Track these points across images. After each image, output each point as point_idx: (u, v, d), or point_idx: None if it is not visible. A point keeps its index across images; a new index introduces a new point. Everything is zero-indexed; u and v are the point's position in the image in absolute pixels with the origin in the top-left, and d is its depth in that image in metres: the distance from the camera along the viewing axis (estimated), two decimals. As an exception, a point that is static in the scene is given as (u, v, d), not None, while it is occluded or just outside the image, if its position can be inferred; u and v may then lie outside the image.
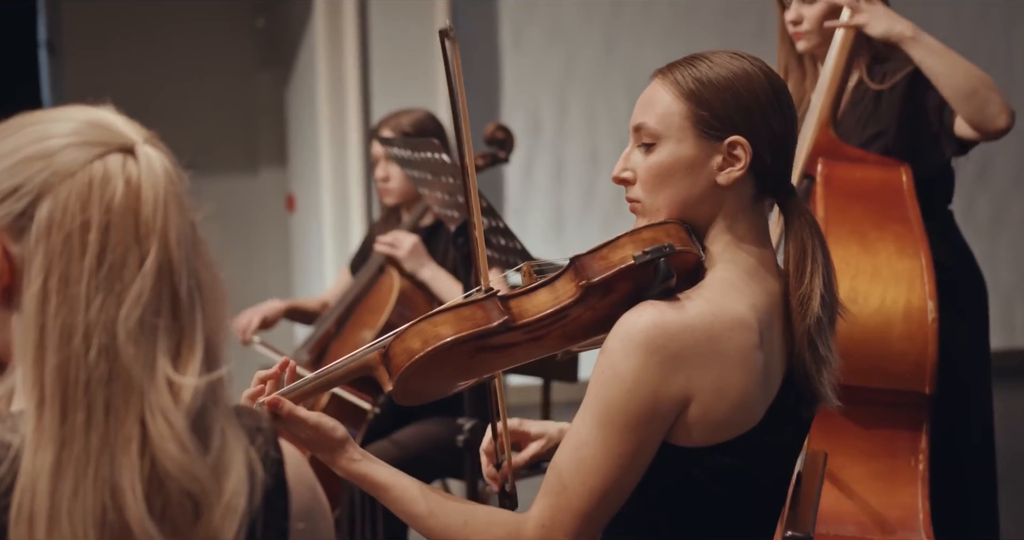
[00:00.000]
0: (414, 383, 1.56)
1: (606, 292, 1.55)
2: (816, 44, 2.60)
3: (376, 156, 3.27)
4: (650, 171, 1.58)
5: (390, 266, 3.15)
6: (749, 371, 1.50)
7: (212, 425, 1.05)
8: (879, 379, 2.33)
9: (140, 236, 1.04)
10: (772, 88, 1.57)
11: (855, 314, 2.31)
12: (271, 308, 3.35)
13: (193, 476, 1.02)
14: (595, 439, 1.49)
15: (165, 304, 1.04)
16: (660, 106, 1.57)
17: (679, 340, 1.48)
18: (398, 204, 3.27)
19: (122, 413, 1.01)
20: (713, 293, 1.53)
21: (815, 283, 1.55)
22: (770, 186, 1.60)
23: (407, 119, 3.22)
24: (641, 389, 1.48)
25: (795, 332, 1.54)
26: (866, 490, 2.37)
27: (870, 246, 2.36)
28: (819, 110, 2.48)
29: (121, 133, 1.08)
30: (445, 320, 1.54)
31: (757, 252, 1.58)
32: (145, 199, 1.05)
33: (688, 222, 1.59)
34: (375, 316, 3.07)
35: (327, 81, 5.45)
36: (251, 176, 6.59)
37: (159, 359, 1.03)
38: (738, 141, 1.55)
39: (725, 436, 1.51)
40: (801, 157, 2.45)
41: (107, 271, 1.03)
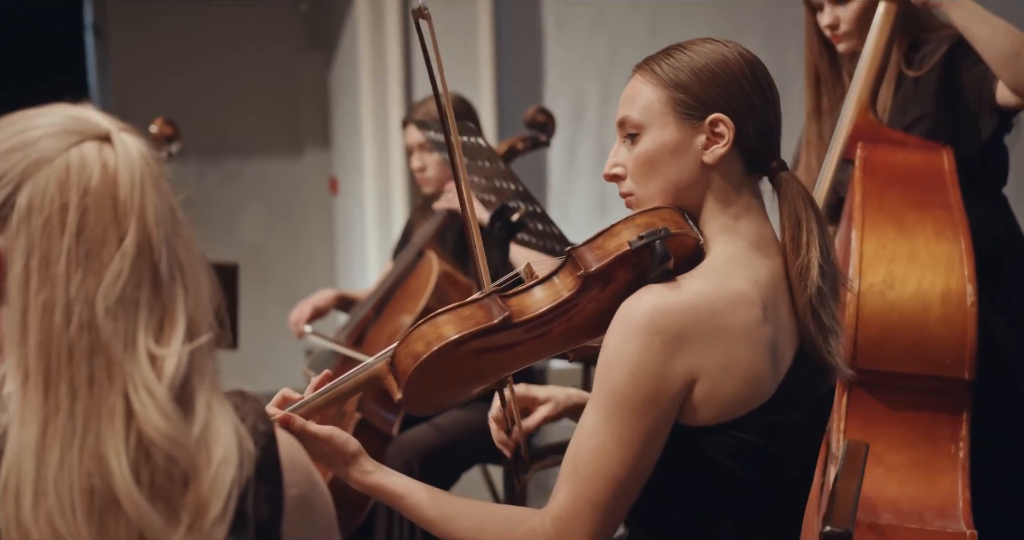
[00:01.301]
0: (424, 389, 1.57)
1: (607, 281, 1.55)
2: (858, 43, 2.54)
3: (410, 145, 3.26)
4: (637, 161, 1.60)
5: (429, 250, 3.15)
6: (755, 346, 1.51)
7: (196, 396, 1.08)
8: (918, 365, 2.30)
9: (118, 216, 1.08)
10: (748, 65, 1.59)
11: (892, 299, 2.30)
12: (322, 298, 3.39)
13: (178, 443, 1.05)
14: (605, 427, 1.50)
15: (145, 281, 1.08)
16: (640, 97, 1.60)
17: (680, 320, 1.49)
18: (437, 192, 3.26)
19: (105, 387, 1.05)
20: (712, 271, 1.55)
21: (812, 254, 1.56)
22: (758, 161, 1.61)
23: None
24: (645, 372, 1.48)
25: (798, 304, 1.55)
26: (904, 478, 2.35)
27: (908, 230, 2.33)
28: (858, 93, 2.45)
29: (97, 123, 1.12)
30: (447, 321, 1.55)
31: (755, 228, 1.59)
32: (122, 181, 1.09)
33: (683, 207, 1.60)
34: (414, 301, 3.07)
35: (369, 64, 5.45)
36: (295, 159, 6.62)
37: (140, 334, 1.07)
38: (719, 118, 1.57)
39: (736, 413, 1.52)
40: (840, 141, 2.42)
41: (86, 250, 1.07)
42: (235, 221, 6.60)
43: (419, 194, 3.38)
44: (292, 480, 1.13)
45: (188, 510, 1.05)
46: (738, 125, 1.57)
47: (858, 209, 2.34)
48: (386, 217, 5.51)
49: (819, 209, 1.61)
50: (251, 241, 6.59)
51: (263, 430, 1.13)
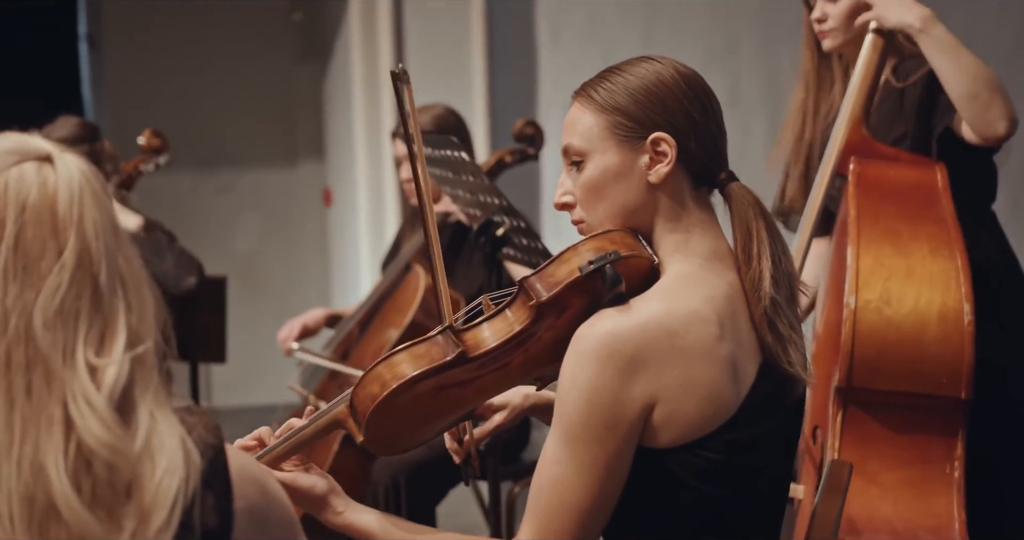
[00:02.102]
0: (386, 430, 1.55)
1: (561, 309, 1.53)
2: (842, 42, 2.52)
3: (399, 157, 3.24)
4: (584, 188, 1.59)
5: (416, 264, 3.12)
6: (713, 364, 1.48)
7: (138, 407, 1.08)
8: (913, 383, 2.27)
9: (57, 229, 1.10)
10: (685, 80, 1.58)
11: (889, 316, 2.26)
12: (312, 317, 3.38)
13: (119, 452, 1.05)
14: (565, 456, 1.48)
15: (85, 293, 1.10)
16: (580, 124, 1.59)
17: (633, 342, 1.46)
18: None
19: (44, 396, 1.06)
20: (665, 291, 1.53)
21: (763, 264, 1.54)
22: (705, 175, 1.60)
23: (427, 115, 3.18)
24: (601, 398, 1.46)
25: (754, 316, 1.54)
26: (899, 497, 2.31)
27: (903, 246, 2.29)
28: (851, 107, 2.41)
29: (38, 145, 1.15)
30: (401, 360, 1.53)
31: (708, 243, 1.58)
32: (61, 197, 1.11)
33: (635, 228, 1.59)
34: (401, 315, 3.03)
35: (362, 75, 5.44)
36: (289, 170, 6.60)
37: (79, 345, 1.08)
38: (660, 137, 1.56)
39: (699, 432, 1.49)
40: (833, 156, 2.38)
41: (23, 263, 1.09)
42: (229, 232, 6.58)
43: (408, 206, 3.35)
44: (243, 491, 1.14)
45: (131, 519, 1.06)
46: (680, 142, 1.56)
47: (853, 224, 2.31)
48: (379, 228, 5.48)
49: (770, 217, 1.60)
50: (245, 252, 6.57)
51: (211, 442, 1.12)
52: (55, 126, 3.49)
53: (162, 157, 3.63)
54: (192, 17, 6.44)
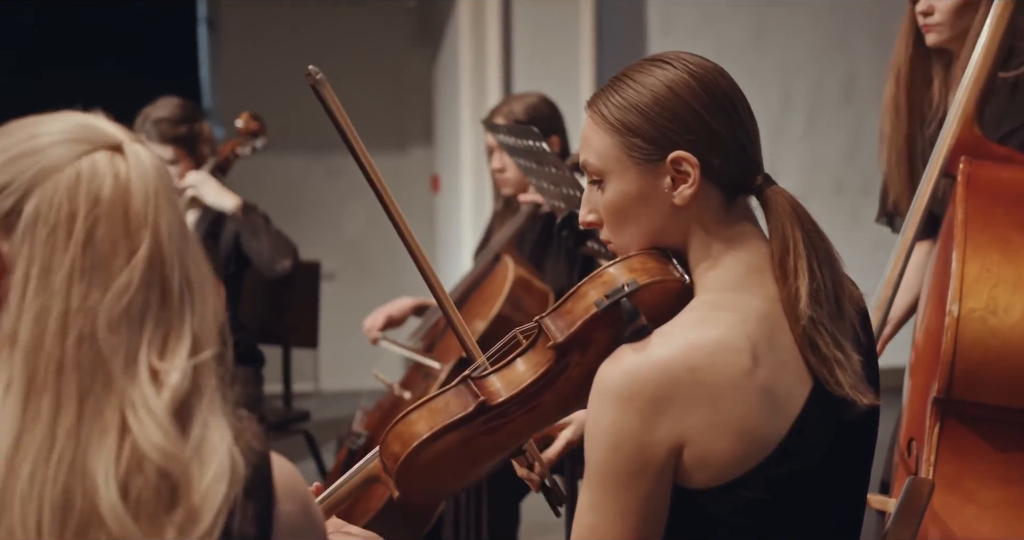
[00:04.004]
0: (420, 485, 1.51)
1: (585, 346, 1.45)
2: (948, 37, 2.40)
3: (491, 145, 3.19)
4: (606, 211, 1.49)
5: (505, 254, 3.06)
6: (744, 398, 1.37)
7: (194, 414, 1.05)
8: (1018, 398, 2.14)
9: (130, 229, 1.06)
10: (701, 85, 1.45)
11: (994, 326, 2.14)
12: (398, 306, 3.34)
13: (173, 457, 1.02)
14: (598, 503, 1.40)
15: (154, 296, 1.06)
16: (594, 142, 1.48)
17: (654, 381, 1.36)
18: (515, 194, 3.17)
19: (102, 401, 1.02)
20: (691, 321, 1.41)
21: (799, 280, 1.42)
22: (737, 185, 1.48)
23: (519, 105, 3.12)
24: (625, 443, 1.37)
25: (795, 335, 1.42)
26: (998, 517, 2.19)
27: (1013, 254, 2.16)
28: (963, 104, 2.28)
29: (109, 132, 1.10)
30: (419, 417, 1.48)
31: (745, 259, 1.46)
32: (135, 193, 1.06)
33: (666, 248, 1.48)
34: (488, 306, 2.98)
35: (469, 62, 5.40)
36: (400, 155, 6.61)
37: (143, 349, 1.04)
38: (679, 157, 1.44)
39: (736, 472, 1.39)
40: (941, 155, 2.26)
41: (93, 261, 1.04)
42: (339, 216, 6.62)
43: (499, 196, 3.29)
44: (285, 502, 1.10)
45: (174, 526, 1.02)
46: (703, 158, 1.44)
47: (959, 228, 2.18)
48: (482, 216, 5.44)
49: (811, 224, 1.47)
50: (353, 236, 6.60)
51: (257, 449, 1.09)
52: (156, 106, 3.51)
53: (259, 140, 3.63)
54: (309, 4, 6.48)
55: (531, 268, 3.07)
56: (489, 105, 5.38)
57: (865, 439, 1.51)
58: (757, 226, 1.49)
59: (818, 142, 5.73)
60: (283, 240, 3.51)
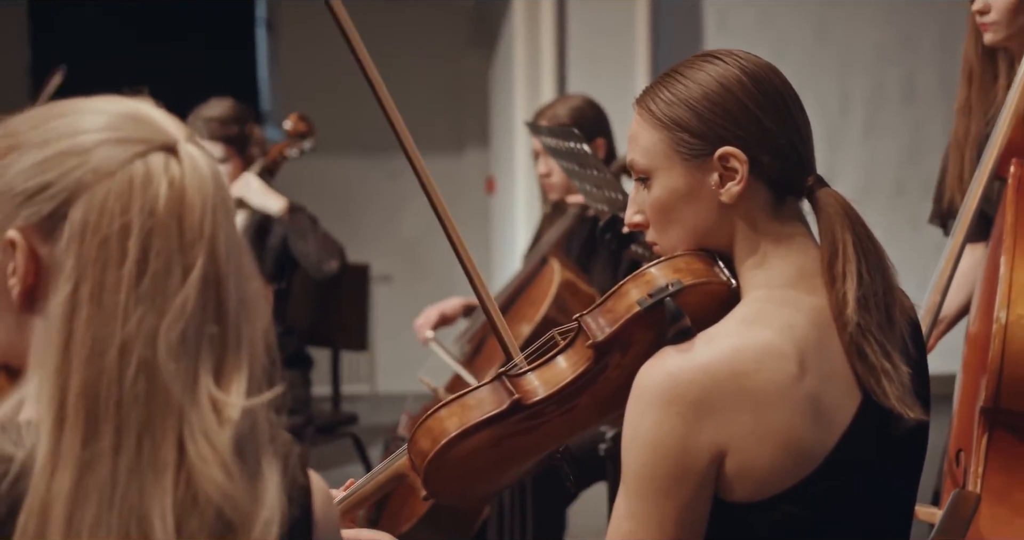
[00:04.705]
0: (448, 484, 1.45)
1: (625, 347, 1.40)
2: (1004, 36, 2.33)
3: (537, 149, 3.16)
4: (652, 210, 1.45)
5: (553, 257, 3.04)
6: (789, 407, 1.32)
7: (251, 450, 0.97)
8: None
9: (185, 244, 0.96)
10: (752, 81, 1.41)
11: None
12: (449, 306, 3.32)
13: (235, 503, 0.94)
14: (635, 511, 1.34)
15: (210, 317, 0.97)
16: (641, 139, 1.44)
17: (698, 385, 1.31)
18: (562, 199, 3.15)
19: (159, 435, 0.93)
20: (737, 324, 1.36)
21: (848, 285, 1.37)
22: (786, 185, 1.43)
23: (564, 107, 3.10)
24: (665, 449, 1.32)
25: (843, 343, 1.37)
26: (1052, 530, 2.13)
27: (1065, 259, 2.10)
28: (1014, 104, 2.22)
29: (162, 129, 1.00)
30: (450, 413, 1.42)
31: (794, 262, 1.41)
32: (191, 204, 0.97)
33: (712, 249, 1.43)
34: (534, 309, 2.95)
35: (524, 64, 5.38)
36: (456, 156, 6.61)
37: (202, 376, 0.95)
38: (728, 152, 1.40)
39: (780, 485, 1.34)
40: (992, 156, 2.20)
41: (149, 281, 0.95)
42: (395, 219, 6.63)
43: (546, 200, 3.27)
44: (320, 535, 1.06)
45: None
46: (751, 155, 1.40)
47: (1009, 232, 2.12)
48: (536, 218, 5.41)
49: (862, 228, 1.42)
50: (410, 238, 6.61)
51: (301, 484, 1.04)
52: (209, 105, 3.53)
53: (307, 142, 3.64)
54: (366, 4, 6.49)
55: (578, 271, 3.04)
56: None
57: (913, 456, 1.46)
58: (808, 229, 1.45)
59: (878, 144, 5.64)
60: (330, 241, 3.51)
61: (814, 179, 1.44)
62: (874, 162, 5.64)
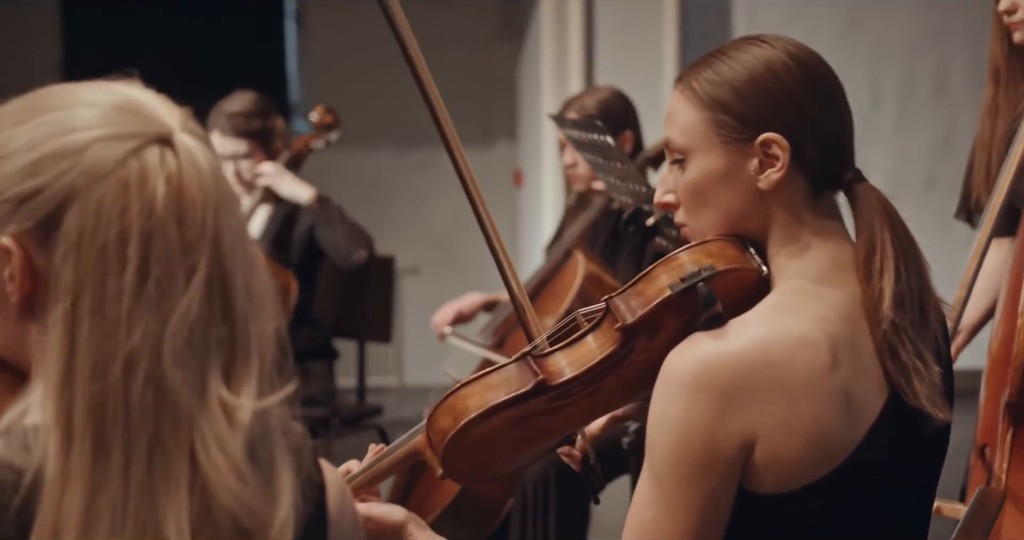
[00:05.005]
0: (466, 463, 1.43)
1: (653, 331, 1.38)
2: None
3: (562, 140, 3.15)
4: (686, 191, 1.42)
5: (577, 250, 3.03)
6: (821, 398, 1.30)
7: (264, 452, 0.94)
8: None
9: (186, 245, 0.91)
10: (800, 68, 1.38)
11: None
12: (468, 302, 3.32)
13: (251, 510, 0.91)
14: (656, 498, 1.32)
15: (216, 319, 0.92)
16: (681, 118, 1.41)
17: (729, 372, 1.29)
18: (587, 191, 3.14)
19: (170, 448, 0.89)
20: (769, 312, 1.34)
21: (884, 281, 1.34)
22: (826, 177, 1.41)
23: (591, 99, 3.08)
24: (692, 436, 1.30)
25: (874, 340, 1.35)
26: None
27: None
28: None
29: (155, 119, 0.94)
30: (472, 392, 1.40)
31: (829, 254, 1.39)
32: (191, 200, 0.92)
33: (744, 235, 1.41)
34: (557, 302, 2.94)
35: (551, 58, 5.38)
36: (484, 150, 6.61)
37: (211, 381, 0.91)
38: (770, 138, 1.37)
39: (808, 477, 1.32)
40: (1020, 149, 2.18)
41: (152, 289, 0.90)
42: (425, 211, 6.64)
43: (571, 191, 3.26)
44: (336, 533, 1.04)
45: None
46: (794, 143, 1.37)
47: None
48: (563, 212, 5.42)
49: (901, 225, 1.40)
50: (439, 230, 6.62)
51: (316, 481, 1.02)
52: (231, 100, 3.53)
53: (333, 134, 3.63)
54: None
55: (602, 263, 3.03)
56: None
57: (935, 457, 1.45)
58: (842, 224, 1.43)
59: (909, 138, 5.61)
60: (358, 230, 3.51)
61: (853, 173, 1.42)
62: (905, 156, 5.60)
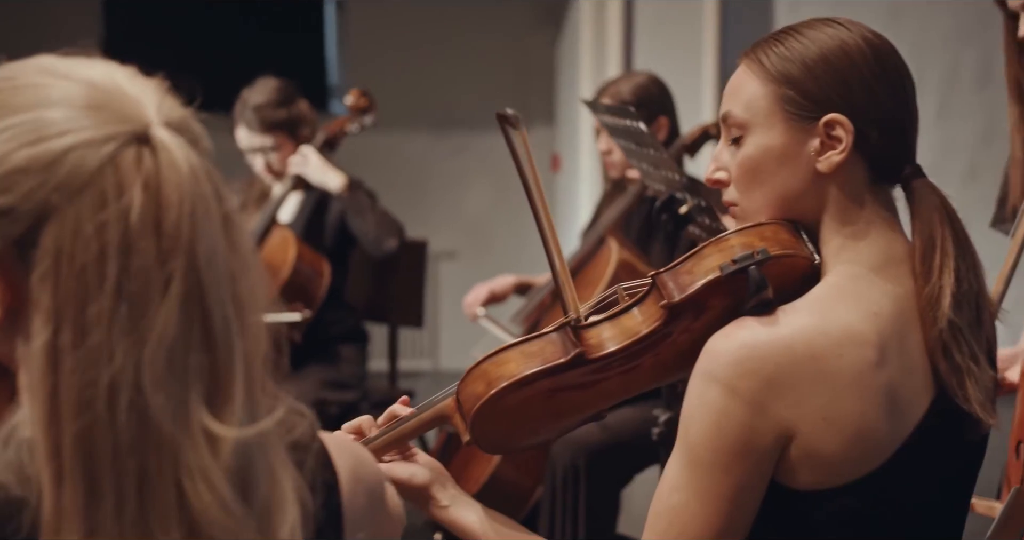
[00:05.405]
0: (493, 430, 1.40)
1: (698, 311, 1.34)
2: None
3: (598, 126, 3.12)
4: (740, 167, 1.37)
5: (611, 237, 3.00)
6: (865, 395, 1.27)
7: (258, 472, 0.88)
8: None
9: (163, 254, 0.83)
10: (875, 55, 1.34)
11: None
12: (500, 284, 3.30)
13: (236, 534, 0.85)
14: (687, 483, 1.29)
15: (196, 335, 0.85)
16: (744, 92, 1.37)
17: (773, 361, 1.25)
18: (622, 177, 3.11)
19: (155, 481, 0.83)
20: (819, 303, 1.30)
21: (944, 280, 1.31)
22: (886, 168, 1.37)
23: (627, 84, 3.05)
24: (730, 422, 1.26)
25: (927, 339, 1.31)
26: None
27: None
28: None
29: (131, 114, 0.86)
30: (509, 358, 1.36)
31: (883, 247, 1.35)
32: (167, 205, 0.84)
33: (796, 221, 1.37)
34: (590, 289, 2.92)
35: (590, 42, 5.35)
36: (521, 135, 6.59)
37: (192, 405, 0.84)
38: (835, 119, 1.33)
39: (846, 476, 1.28)
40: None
41: (128, 307, 0.82)
42: (461, 195, 6.64)
43: (607, 178, 3.23)
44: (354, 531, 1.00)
45: None
46: (859, 127, 1.33)
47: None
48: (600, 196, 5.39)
49: (959, 224, 1.36)
50: (475, 214, 6.61)
51: (325, 480, 0.97)
52: (255, 90, 3.51)
53: (367, 117, 3.61)
54: (435, -19, 6.50)
55: (636, 251, 3.00)
56: (609, 85, 5.32)
57: (975, 461, 1.41)
58: (897, 219, 1.39)
59: (951, 127, 5.53)
60: (388, 219, 3.49)
61: (912, 168, 1.38)
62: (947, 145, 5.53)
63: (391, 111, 5.28)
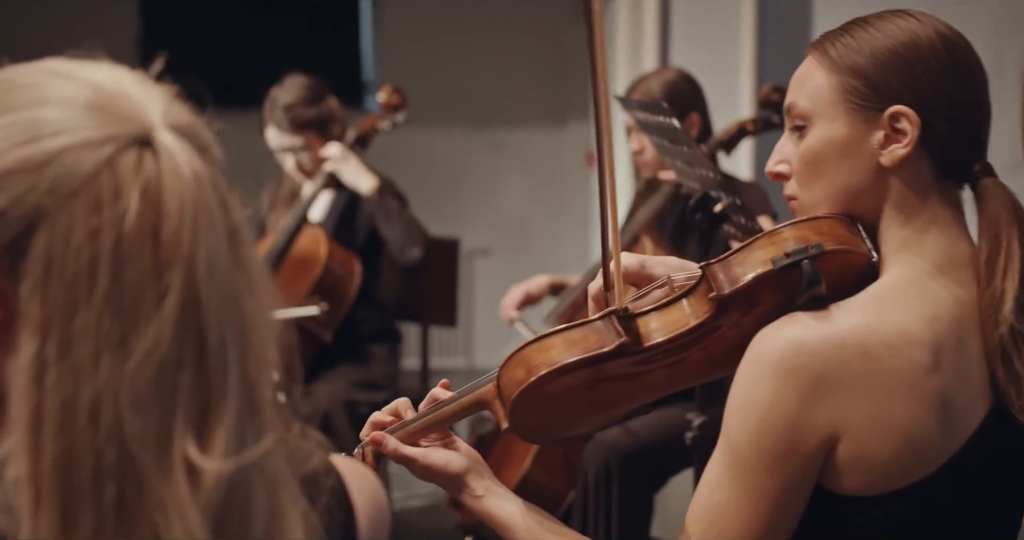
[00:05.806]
0: (533, 418, 1.35)
1: (749, 305, 1.29)
2: None
3: (629, 126, 3.08)
4: (802, 159, 1.34)
5: (644, 235, 2.96)
6: (916, 400, 1.22)
7: (253, 508, 0.81)
8: None
9: (159, 265, 0.78)
10: (946, 48, 1.30)
11: None
12: (535, 285, 3.27)
13: None
14: (729, 482, 1.25)
15: (188, 355, 0.78)
16: (809, 82, 1.34)
17: (823, 360, 1.21)
18: (655, 176, 3.07)
19: (135, 513, 0.76)
20: (875, 301, 1.26)
21: (1007, 283, 1.26)
22: (953, 164, 1.32)
23: (657, 81, 3.00)
24: (776, 420, 1.22)
25: (987, 344, 1.26)
26: None
27: None
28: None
29: (132, 115, 0.81)
30: (552, 345, 1.32)
31: (945, 247, 1.30)
32: (167, 212, 0.78)
33: (856, 216, 1.33)
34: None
35: (625, 40, 5.31)
36: (557, 131, 6.57)
37: (176, 431, 0.77)
38: (901, 112, 1.29)
39: (894, 483, 1.24)
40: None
41: (118, 320, 0.77)
42: (498, 192, 6.62)
43: (640, 177, 3.19)
44: None
45: None
46: (925, 120, 1.29)
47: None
48: (635, 194, 5.35)
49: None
50: (511, 210, 6.59)
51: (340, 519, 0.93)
52: (284, 88, 3.48)
53: (400, 114, 3.59)
54: (473, -24, 6.48)
55: (671, 250, 2.96)
56: (644, 81, 5.27)
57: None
58: (963, 219, 1.35)
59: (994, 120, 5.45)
60: (414, 227, 3.46)
61: (981, 166, 1.34)
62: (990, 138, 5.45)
63: (427, 106, 5.26)
